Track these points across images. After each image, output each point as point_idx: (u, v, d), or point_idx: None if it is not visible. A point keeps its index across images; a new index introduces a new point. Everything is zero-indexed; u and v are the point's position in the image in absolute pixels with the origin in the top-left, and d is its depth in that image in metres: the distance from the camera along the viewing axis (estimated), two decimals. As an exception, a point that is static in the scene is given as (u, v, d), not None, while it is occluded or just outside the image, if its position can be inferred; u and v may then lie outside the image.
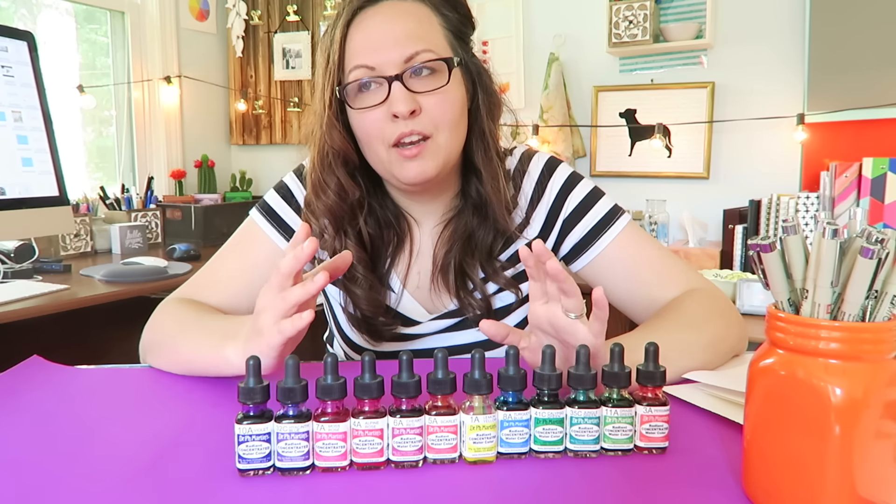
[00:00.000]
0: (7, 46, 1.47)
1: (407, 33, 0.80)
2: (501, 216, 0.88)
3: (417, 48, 0.79)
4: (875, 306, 0.44)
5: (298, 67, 3.22)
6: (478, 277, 0.90)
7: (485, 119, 0.88)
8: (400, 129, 0.80)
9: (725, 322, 0.81)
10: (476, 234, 0.90)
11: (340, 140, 0.84)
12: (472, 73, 0.88)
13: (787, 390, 0.45)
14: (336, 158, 0.86)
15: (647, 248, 0.90)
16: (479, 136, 0.88)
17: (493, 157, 0.89)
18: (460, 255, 0.90)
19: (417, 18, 0.82)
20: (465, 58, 0.86)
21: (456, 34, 0.86)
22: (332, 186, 0.86)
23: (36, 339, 1.63)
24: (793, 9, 2.26)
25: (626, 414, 0.56)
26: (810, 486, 0.45)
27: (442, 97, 0.81)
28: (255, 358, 0.53)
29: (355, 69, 0.80)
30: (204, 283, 0.91)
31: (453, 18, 0.85)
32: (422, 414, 0.54)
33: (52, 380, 0.78)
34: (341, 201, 0.87)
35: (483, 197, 0.88)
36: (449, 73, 0.81)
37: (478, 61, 0.89)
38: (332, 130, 0.84)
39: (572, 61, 2.65)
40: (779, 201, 2.12)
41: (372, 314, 0.91)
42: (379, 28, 0.80)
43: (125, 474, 0.54)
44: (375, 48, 0.80)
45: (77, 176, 2.80)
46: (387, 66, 0.79)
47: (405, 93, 0.79)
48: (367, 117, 0.81)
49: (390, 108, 0.79)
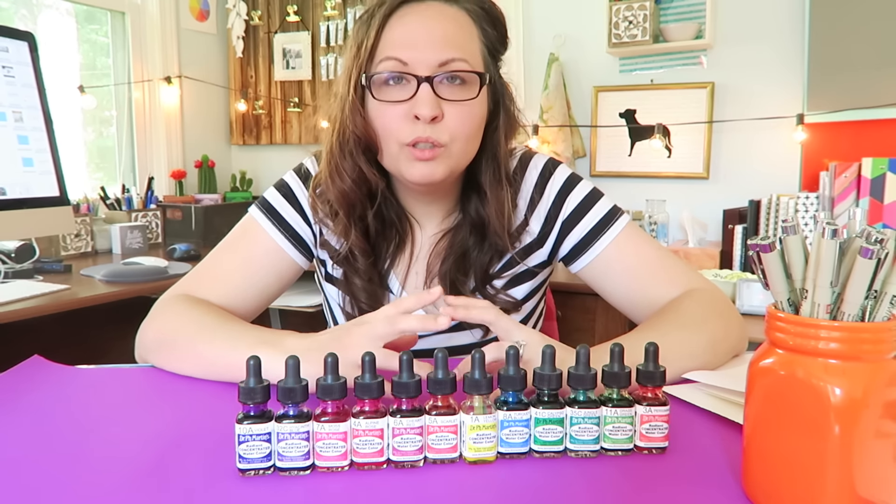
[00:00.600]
0: (7, 47, 1.47)
1: (446, 38, 0.79)
2: (503, 241, 0.88)
3: (454, 55, 0.79)
4: (875, 306, 0.44)
5: (298, 68, 3.22)
6: (469, 293, 0.90)
7: (500, 141, 0.88)
8: (418, 132, 0.79)
9: (725, 322, 0.81)
10: (470, 254, 0.90)
11: (364, 126, 0.83)
12: (498, 93, 0.87)
13: (786, 390, 0.45)
14: (357, 145, 0.84)
15: (646, 248, 0.90)
16: (491, 157, 0.88)
17: (501, 181, 0.88)
18: (453, 272, 0.90)
19: (459, 26, 0.81)
20: (494, 76, 0.86)
21: (491, 51, 0.86)
22: (349, 172, 0.85)
23: (36, 339, 1.63)
24: (793, 9, 2.26)
25: (626, 414, 0.56)
26: (810, 486, 0.45)
27: (466, 110, 0.80)
28: (255, 358, 0.53)
29: (386, 60, 0.79)
30: (203, 279, 0.91)
31: (492, 35, 0.85)
32: (422, 414, 0.54)
33: (52, 380, 0.78)
34: (357, 188, 0.86)
35: (483, 219, 0.88)
36: (479, 88, 0.81)
37: (504, 83, 0.89)
38: (356, 115, 0.82)
39: (572, 61, 2.65)
40: (778, 201, 2.12)
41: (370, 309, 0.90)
42: (420, 26, 0.80)
43: (125, 474, 0.54)
44: (413, 45, 0.79)
45: (77, 176, 2.81)
46: (419, 66, 0.78)
47: (432, 96, 0.78)
48: (388, 112, 0.80)
49: (414, 108, 0.78)
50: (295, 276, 0.95)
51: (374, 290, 0.91)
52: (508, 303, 0.92)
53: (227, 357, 0.74)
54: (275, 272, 0.92)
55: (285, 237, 0.92)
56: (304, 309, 2.31)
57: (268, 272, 0.91)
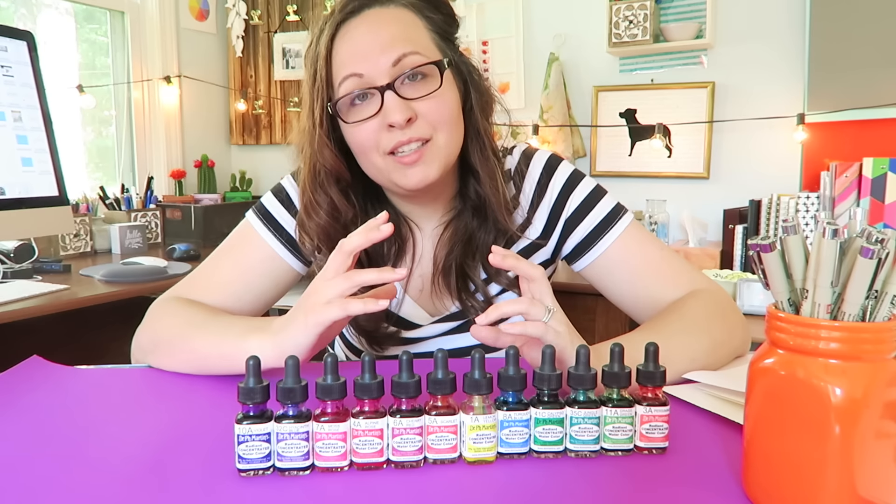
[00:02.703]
0: (7, 46, 1.47)
1: (392, 38, 0.79)
2: (501, 216, 0.88)
3: (405, 50, 0.79)
4: (875, 306, 0.44)
5: (298, 67, 3.21)
6: (479, 279, 0.90)
7: (479, 118, 0.87)
8: (397, 138, 0.79)
9: (728, 325, 0.81)
10: (476, 236, 0.89)
11: (332, 159, 0.84)
12: (463, 73, 0.87)
13: (787, 390, 0.45)
14: (329, 177, 0.85)
15: (650, 247, 0.90)
16: (474, 135, 0.88)
17: (489, 157, 0.88)
18: (461, 257, 0.89)
19: (402, 23, 0.81)
20: (454, 58, 0.85)
21: (442, 35, 0.85)
22: (324, 206, 0.86)
23: (36, 339, 1.63)
24: (793, 9, 2.26)
25: (626, 414, 0.56)
26: (810, 486, 0.45)
27: (436, 100, 0.80)
28: (254, 358, 0.53)
29: (345, 80, 0.79)
30: (199, 283, 0.91)
31: (438, 20, 0.85)
32: (422, 414, 0.54)
33: (51, 380, 0.78)
34: (334, 221, 0.86)
35: (482, 197, 0.88)
36: (441, 75, 0.81)
37: (466, 59, 0.88)
38: (324, 149, 0.83)
39: (572, 61, 2.65)
40: (779, 201, 2.12)
41: (373, 328, 0.90)
42: (364, 36, 0.80)
43: (125, 474, 0.54)
44: (363, 56, 0.79)
45: (77, 176, 2.80)
46: (376, 74, 0.78)
47: (399, 101, 0.78)
48: (362, 130, 0.80)
49: (385, 119, 0.79)
50: (293, 282, 0.94)
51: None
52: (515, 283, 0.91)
53: (218, 348, 0.75)
54: (272, 279, 0.92)
55: (282, 244, 0.91)
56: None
57: (265, 279, 0.91)
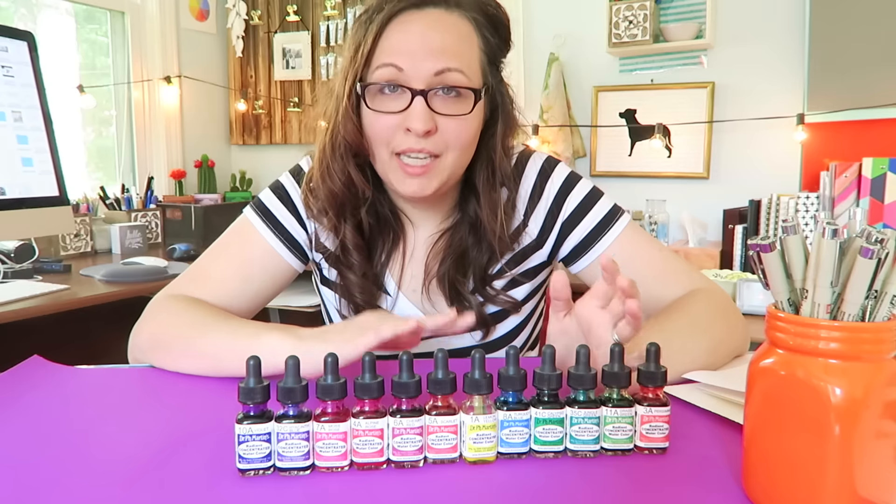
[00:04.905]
0: (7, 46, 1.47)
1: (444, 47, 0.79)
2: (498, 244, 0.88)
3: (450, 64, 0.78)
4: (875, 306, 0.44)
5: (298, 67, 3.22)
6: (468, 293, 0.90)
7: (497, 146, 0.87)
8: (410, 143, 0.79)
9: (728, 324, 0.81)
10: (470, 253, 0.89)
11: (355, 133, 0.83)
12: (496, 101, 0.87)
13: (786, 390, 0.45)
14: (348, 150, 0.85)
15: (648, 248, 0.90)
16: (486, 160, 0.88)
17: (495, 185, 0.88)
18: (452, 272, 0.89)
19: (458, 35, 0.81)
20: (493, 85, 0.85)
21: (491, 59, 0.85)
22: (339, 175, 0.86)
23: (36, 339, 1.63)
24: (793, 9, 2.26)
25: (627, 414, 0.56)
26: (810, 486, 0.45)
27: (460, 123, 0.80)
28: (254, 358, 0.53)
29: (383, 67, 0.79)
30: (196, 279, 0.90)
31: (493, 42, 0.85)
32: (422, 414, 0.54)
33: (52, 380, 0.78)
34: (346, 190, 0.86)
35: (480, 220, 0.88)
36: (475, 103, 0.81)
37: (504, 89, 0.88)
38: (348, 122, 0.83)
39: (572, 61, 2.65)
40: (779, 201, 2.12)
41: (366, 307, 0.90)
42: (418, 34, 0.79)
43: (125, 474, 0.54)
44: (410, 52, 0.78)
45: (77, 176, 2.80)
46: (415, 75, 0.78)
47: (426, 111, 0.78)
48: (381, 121, 0.80)
49: (406, 121, 0.79)
50: (290, 278, 0.94)
51: (370, 288, 0.90)
52: (508, 303, 0.92)
53: (232, 345, 0.75)
54: (269, 275, 0.92)
55: (280, 240, 0.91)
56: (304, 309, 2.31)
57: (262, 275, 0.91)
